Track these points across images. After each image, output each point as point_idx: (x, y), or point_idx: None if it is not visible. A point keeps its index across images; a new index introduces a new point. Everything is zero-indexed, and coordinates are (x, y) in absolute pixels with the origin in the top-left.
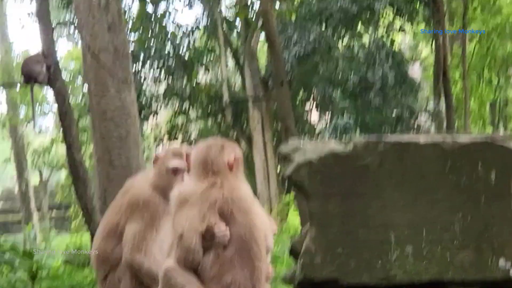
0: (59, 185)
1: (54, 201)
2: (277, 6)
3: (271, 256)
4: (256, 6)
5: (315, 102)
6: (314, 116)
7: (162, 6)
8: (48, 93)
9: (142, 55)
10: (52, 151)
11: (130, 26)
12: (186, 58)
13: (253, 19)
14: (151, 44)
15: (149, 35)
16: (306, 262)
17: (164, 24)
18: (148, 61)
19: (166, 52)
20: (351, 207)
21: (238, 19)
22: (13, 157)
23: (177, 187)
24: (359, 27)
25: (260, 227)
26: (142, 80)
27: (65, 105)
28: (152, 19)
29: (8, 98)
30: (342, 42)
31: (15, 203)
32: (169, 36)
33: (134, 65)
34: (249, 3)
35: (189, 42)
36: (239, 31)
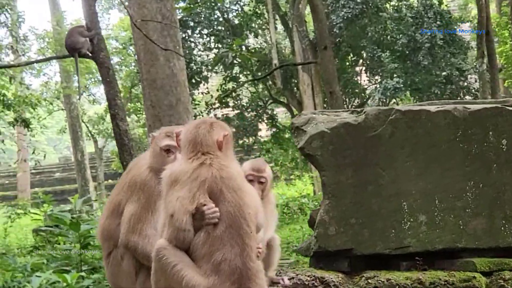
0: (114, 153)
1: (110, 169)
2: None
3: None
4: None
5: (364, 65)
6: (364, 78)
7: None
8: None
9: (191, 22)
10: (106, 120)
11: None
12: (235, 23)
13: None
14: (200, 11)
15: (198, 2)
16: (320, 232)
17: None
18: (198, 28)
19: (215, 18)
20: (363, 177)
21: None
22: (68, 127)
23: (167, 167)
24: None
25: (250, 205)
26: (192, 47)
27: (109, 76)
28: None
29: (61, 69)
30: (390, 3)
31: (72, 172)
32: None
33: (183, 32)
34: None
35: (237, 7)
36: None
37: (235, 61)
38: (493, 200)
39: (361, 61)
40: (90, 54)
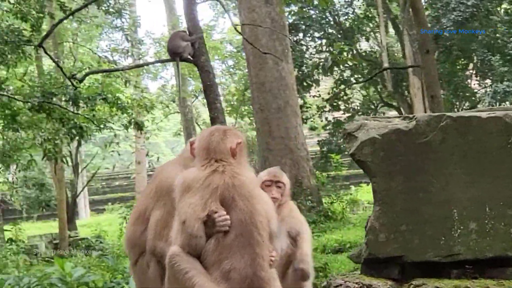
0: None
1: None
2: None
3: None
4: None
5: (475, 68)
6: (474, 82)
7: None
8: (215, 67)
9: (303, 25)
10: None
11: None
12: (346, 26)
13: None
14: (312, 14)
15: (303, 7)
16: (371, 239)
17: None
18: (309, 31)
19: (326, 21)
20: (413, 184)
21: None
22: (183, 129)
23: (181, 174)
24: None
25: (262, 213)
26: (303, 50)
27: (210, 80)
28: None
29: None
30: (501, 6)
31: None
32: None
33: (295, 35)
34: None
35: (349, 10)
36: None
37: (346, 65)
38: None
39: (471, 64)
40: (191, 58)
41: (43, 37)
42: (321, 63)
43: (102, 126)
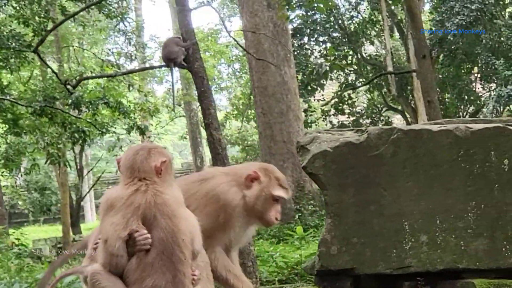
0: (235, 159)
1: None
2: None
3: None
4: None
5: (479, 72)
6: (479, 86)
7: None
8: (221, 71)
9: (307, 29)
10: (226, 127)
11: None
12: (351, 30)
13: None
14: (316, 18)
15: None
16: (323, 251)
17: None
18: (314, 35)
19: (331, 25)
20: (365, 197)
21: None
22: (189, 133)
23: (106, 192)
24: None
25: (185, 232)
26: (308, 54)
27: (204, 86)
28: None
29: (181, 76)
30: (506, 10)
31: None
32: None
33: (299, 39)
34: None
35: (353, 14)
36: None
37: (350, 69)
38: (495, 220)
39: (476, 68)
40: (185, 64)
41: (38, 43)
42: (315, 69)
43: (104, 130)
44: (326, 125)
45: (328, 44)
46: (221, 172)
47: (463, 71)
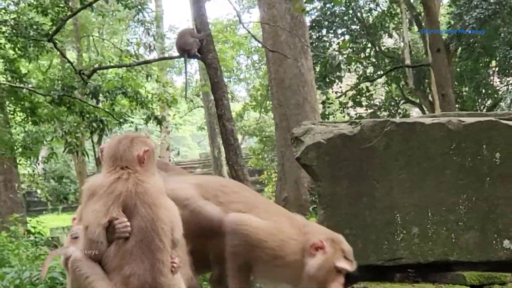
0: (252, 151)
1: (248, 166)
2: None
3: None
4: None
5: (497, 66)
6: (496, 80)
7: None
8: (240, 62)
9: (326, 22)
10: (244, 117)
11: None
12: (369, 23)
13: None
14: (335, 10)
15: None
16: None
17: None
18: (332, 28)
19: (349, 17)
20: (358, 189)
21: None
22: (207, 123)
23: (88, 180)
24: None
25: (165, 220)
26: (327, 46)
27: (217, 77)
28: None
29: (200, 66)
30: None
31: (212, 168)
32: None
33: (318, 32)
34: None
35: (372, 7)
36: None
37: (368, 61)
38: (486, 213)
39: (494, 62)
40: (199, 55)
41: (54, 31)
42: (329, 61)
43: (121, 120)
44: (343, 117)
45: (347, 37)
46: (287, 218)
47: (481, 64)
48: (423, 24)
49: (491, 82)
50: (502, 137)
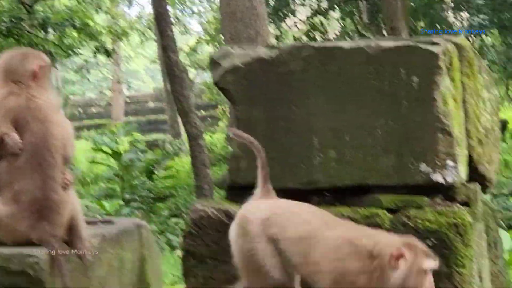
0: (207, 85)
1: (201, 100)
2: None
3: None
4: None
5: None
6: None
7: None
8: None
9: None
10: (198, 51)
11: None
12: None
13: None
14: None
15: None
16: (232, 167)
17: None
18: None
19: None
20: (276, 113)
21: None
22: (158, 57)
23: None
24: None
25: (57, 137)
26: None
27: (161, 7)
28: None
29: None
30: None
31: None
32: None
33: None
34: None
35: None
36: None
37: None
38: (403, 137)
39: None
40: None
41: None
42: None
43: (70, 52)
44: None
45: None
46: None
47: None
48: None
49: (446, 18)
50: (420, 61)
